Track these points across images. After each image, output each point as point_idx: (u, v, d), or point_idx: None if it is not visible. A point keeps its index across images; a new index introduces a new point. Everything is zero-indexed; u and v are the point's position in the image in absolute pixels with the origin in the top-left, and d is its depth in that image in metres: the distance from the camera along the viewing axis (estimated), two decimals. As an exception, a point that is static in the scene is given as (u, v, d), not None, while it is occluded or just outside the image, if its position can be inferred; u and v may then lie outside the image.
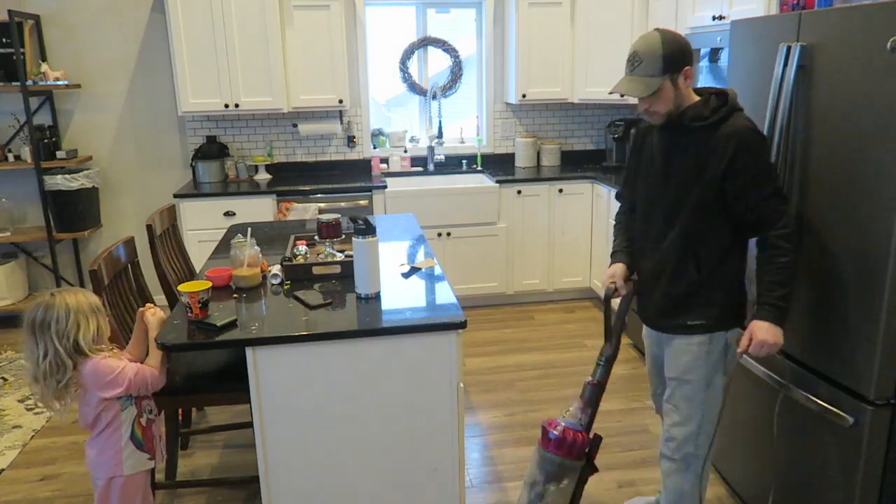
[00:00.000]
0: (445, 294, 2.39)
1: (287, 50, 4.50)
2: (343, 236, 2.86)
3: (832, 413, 2.05)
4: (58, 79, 4.37)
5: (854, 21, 1.95)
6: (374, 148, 5.11)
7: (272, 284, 2.51)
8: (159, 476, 2.64)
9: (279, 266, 2.57)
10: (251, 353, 2.08)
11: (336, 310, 2.27)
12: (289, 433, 2.15)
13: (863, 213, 1.94)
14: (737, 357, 2.04)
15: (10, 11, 4.06)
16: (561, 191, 4.64)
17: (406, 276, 2.58)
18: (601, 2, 4.61)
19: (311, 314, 2.22)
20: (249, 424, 2.32)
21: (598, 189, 4.60)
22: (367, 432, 2.19)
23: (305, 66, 4.54)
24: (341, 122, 4.91)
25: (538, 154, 5.12)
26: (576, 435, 2.12)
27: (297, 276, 2.56)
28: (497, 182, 4.60)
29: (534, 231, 4.68)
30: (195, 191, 4.45)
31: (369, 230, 2.28)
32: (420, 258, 2.81)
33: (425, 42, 5.06)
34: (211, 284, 2.27)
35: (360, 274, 2.32)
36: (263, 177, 4.82)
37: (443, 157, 5.05)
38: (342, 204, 4.45)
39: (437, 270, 2.63)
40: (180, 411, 2.99)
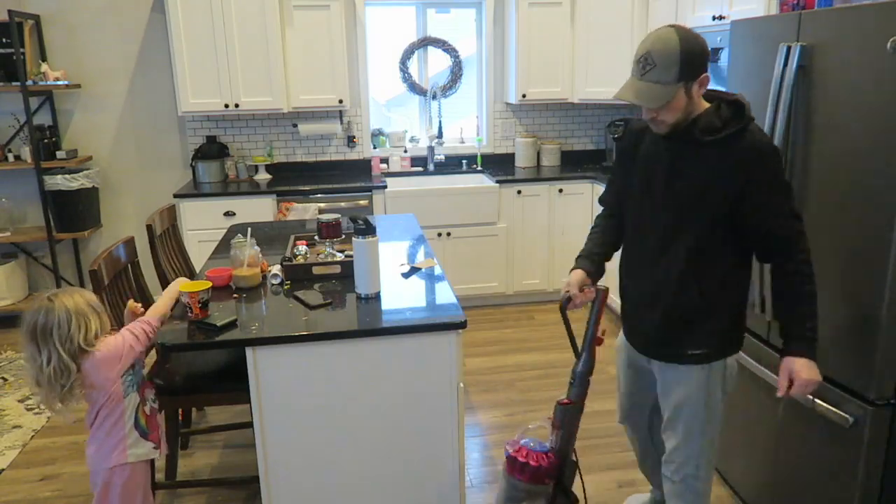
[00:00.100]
0: (445, 294, 2.39)
1: (287, 50, 4.50)
2: (343, 236, 2.86)
3: (832, 413, 2.05)
4: (58, 79, 4.37)
5: (854, 21, 1.95)
6: (374, 148, 5.11)
7: (272, 284, 2.51)
8: (159, 476, 2.64)
9: (279, 266, 2.57)
10: (251, 353, 2.08)
11: (336, 310, 2.27)
12: (289, 433, 2.15)
13: (863, 213, 1.94)
14: (782, 397, 1.87)
15: (10, 11, 4.06)
16: (561, 191, 4.64)
17: (406, 276, 2.58)
18: (601, 2, 4.61)
19: (311, 314, 2.22)
20: (249, 424, 2.32)
21: (598, 189, 4.59)
22: (367, 432, 2.19)
23: (305, 66, 4.54)
24: (341, 122, 4.91)
25: (538, 154, 5.12)
26: (540, 458, 2.00)
27: (297, 276, 2.56)
28: (497, 182, 4.60)
29: (534, 231, 4.67)
30: (195, 191, 4.45)
31: (369, 230, 2.28)
32: (420, 258, 2.80)
33: (425, 42, 5.05)
34: (211, 284, 2.28)
35: (360, 274, 2.32)
36: (263, 177, 4.82)
37: (443, 157, 5.05)
38: (342, 204, 4.45)
39: (437, 270, 2.63)
40: (180, 411, 2.98)
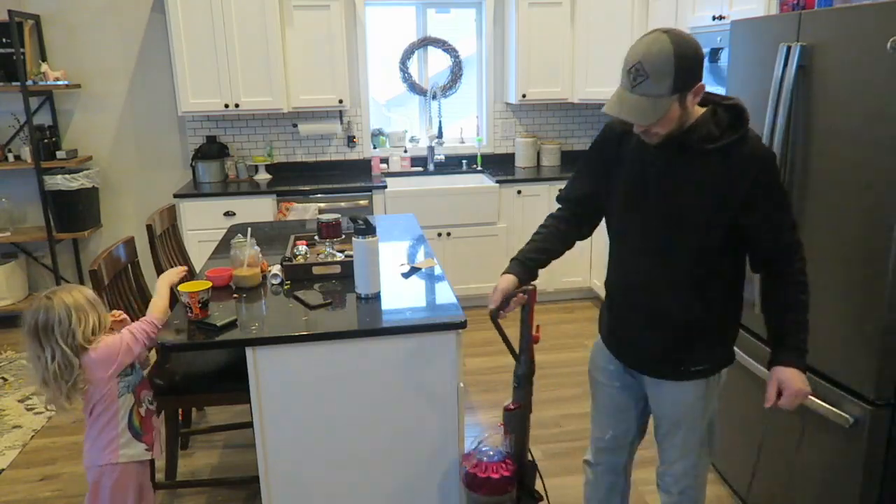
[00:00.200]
0: (445, 294, 2.39)
1: (287, 50, 4.50)
2: (343, 236, 2.86)
3: (832, 413, 2.05)
4: (58, 79, 4.37)
5: (854, 21, 1.95)
6: (374, 148, 5.11)
7: (272, 284, 2.51)
8: (159, 476, 2.64)
9: (279, 266, 2.57)
10: (251, 353, 2.08)
11: (336, 310, 2.27)
12: (289, 433, 2.15)
13: (863, 213, 1.94)
14: (770, 408, 1.78)
15: (10, 11, 4.06)
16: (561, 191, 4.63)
17: (406, 276, 2.58)
18: (601, 2, 4.60)
19: (311, 314, 2.22)
20: (249, 424, 2.32)
21: (598, 189, 4.59)
22: (367, 432, 2.19)
23: (305, 66, 4.54)
24: (341, 122, 4.91)
25: (538, 154, 5.12)
26: (500, 468, 1.97)
27: (297, 276, 2.55)
28: (497, 182, 4.60)
29: (534, 231, 4.66)
30: (195, 191, 4.45)
31: (369, 230, 2.27)
32: (420, 258, 2.80)
33: (425, 42, 5.05)
34: (211, 284, 2.27)
35: (360, 274, 2.32)
36: (263, 177, 4.82)
37: (443, 157, 5.05)
38: (342, 204, 4.45)
39: (437, 270, 2.63)
40: (180, 411, 2.98)
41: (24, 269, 4.72)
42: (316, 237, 2.89)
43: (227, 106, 4.44)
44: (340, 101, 4.65)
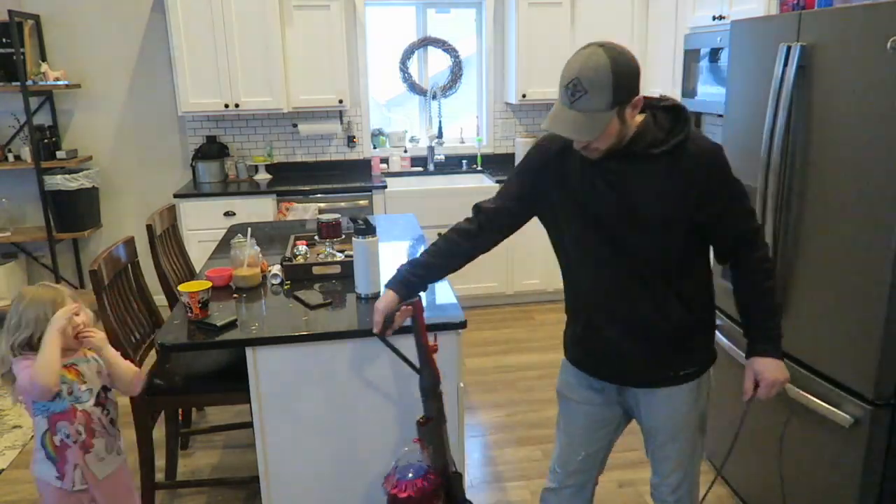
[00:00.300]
0: (445, 294, 2.39)
1: (287, 50, 4.50)
2: (343, 236, 2.86)
3: (832, 413, 2.05)
4: (58, 79, 4.37)
5: (854, 21, 1.95)
6: (374, 148, 5.11)
7: (272, 284, 2.51)
8: (159, 476, 2.64)
9: (279, 266, 2.57)
10: (251, 353, 2.08)
11: (336, 310, 2.27)
12: (289, 433, 2.15)
13: (863, 213, 1.94)
14: (746, 405, 1.80)
15: (10, 11, 4.06)
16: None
17: (406, 276, 2.57)
18: (601, 2, 4.61)
19: (311, 314, 2.22)
20: (249, 424, 2.32)
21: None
22: (367, 432, 2.19)
23: (305, 66, 4.54)
24: (341, 122, 4.91)
25: (538, 154, 5.11)
26: (423, 483, 1.91)
27: (297, 276, 2.55)
28: (497, 182, 4.60)
29: (534, 231, 4.65)
30: (195, 191, 4.45)
31: (369, 230, 2.27)
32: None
33: (425, 42, 5.05)
34: (211, 284, 2.28)
35: (360, 274, 2.32)
36: (263, 177, 4.82)
37: (443, 157, 5.05)
38: (342, 204, 4.45)
39: (437, 270, 2.62)
40: (180, 411, 2.99)
41: (24, 269, 4.72)
42: (316, 237, 2.89)
43: (227, 106, 4.45)
44: (340, 101, 4.65)
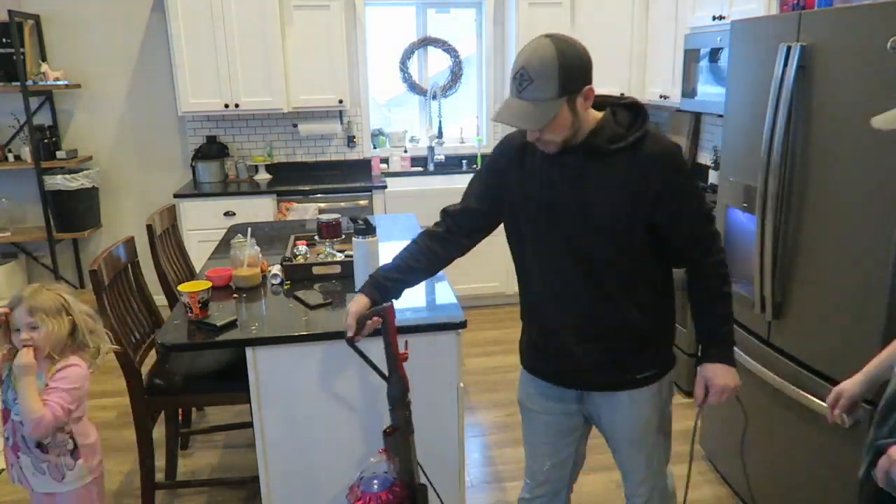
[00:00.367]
0: (445, 294, 2.39)
1: (287, 50, 4.50)
2: (343, 236, 2.86)
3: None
4: (58, 79, 4.37)
5: (854, 21, 1.95)
6: (374, 148, 5.11)
7: (272, 284, 2.51)
8: (159, 476, 2.64)
9: (279, 266, 2.57)
10: (251, 353, 2.08)
11: (336, 310, 2.27)
12: (289, 433, 2.16)
13: (863, 213, 1.94)
14: (698, 413, 1.77)
15: (10, 11, 4.06)
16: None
17: (406, 276, 2.58)
18: (601, 2, 4.61)
19: (311, 314, 2.22)
20: (249, 424, 2.32)
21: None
22: (367, 432, 2.19)
23: (305, 66, 4.54)
24: (341, 122, 4.91)
25: (538, 154, 5.11)
26: (388, 497, 1.88)
27: (297, 276, 2.56)
28: (497, 182, 4.59)
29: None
30: (195, 191, 4.45)
31: (369, 230, 2.28)
32: (420, 258, 2.80)
33: (425, 42, 5.05)
34: (211, 284, 2.28)
35: (360, 274, 2.32)
36: (263, 177, 4.82)
37: (443, 157, 5.05)
38: (342, 204, 4.45)
39: (437, 270, 2.62)
40: (180, 411, 2.99)
41: (24, 269, 4.72)
42: (316, 237, 2.89)
43: (227, 106, 4.45)
44: (340, 101, 4.65)
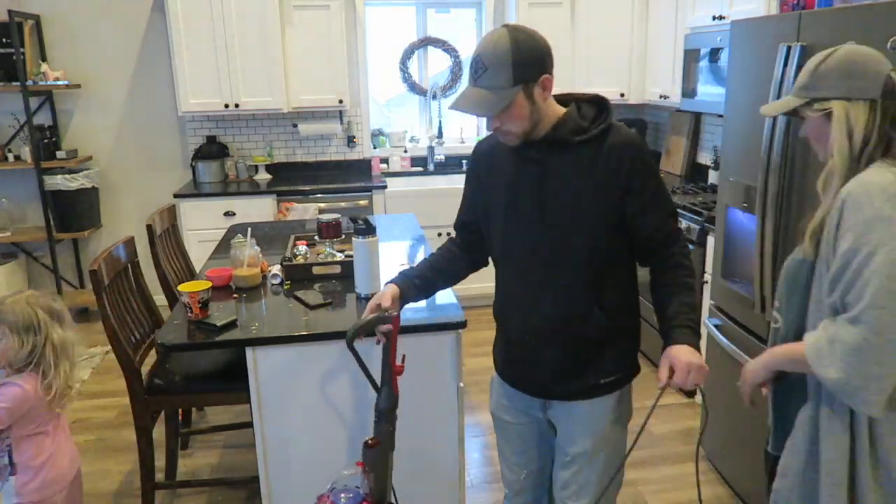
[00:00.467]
0: (445, 294, 2.39)
1: (287, 50, 4.50)
2: (343, 236, 2.86)
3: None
4: (58, 79, 4.37)
5: (854, 21, 1.95)
6: (374, 148, 5.11)
7: (272, 284, 2.51)
8: (159, 476, 2.64)
9: (279, 266, 2.57)
10: (251, 353, 2.08)
11: (336, 310, 2.27)
12: (289, 433, 2.15)
13: (863, 213, 1.94)
14: (658, 392, 1.58)
15: (10, 11, 4.06)
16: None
17: (406, 276, 2.57)
18: (601, 2, 4.61)
19: (311, 314, 2.22)
20: (249, 424, 2.32)
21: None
22: (368, 432, 2.19)
23: (305, 66, 4.54)
24: (341, 122, 4.91)
25: (538, 154, 5.11)
26: None
27: (297, 276, 2.55)
28: (497, 182, 4.59)
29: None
30: (195, 191, 4.45)
31: (369, 230, 2.27)
32: (420, 258, 2.80)
33: (425, 42, 5.05)
34: (211, 284, 2.28)
35: (360, 274, 2.32)
36: (263, 177, 4.82)
37: (443, 157, 5.05)
38: (342, 204, 4.45)
39: (437, 270, 2.62)
40: (180, 411, 2.99)
41: (24, 269, 4.73)
42: (316, 237, 2.89)
43: (227, 106, 4.45)
44: (340, 101, 4.65)
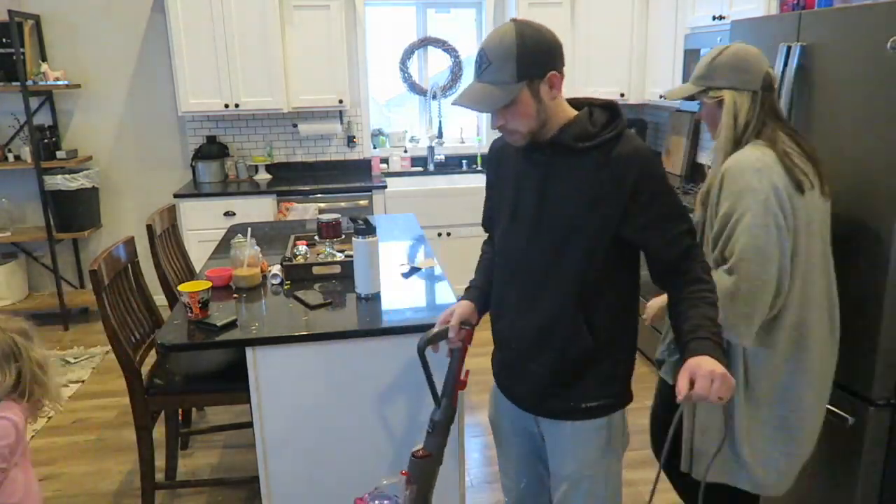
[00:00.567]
0: (445, 294, 2.39)
1: (287, 50, 4.50)
2: (343, 236, 2.86)
3: (832, 413, 2.05)
4: (58, 79, 4.37)
5: (854, 21, 1.95)
6: (374, 148, 5.11)
7: (272, 284, 2.51)
8: (159, 476, 2.64)
9: (279, 266, 2.57)
10: (251, 353, 2.08)
11: (336, 310, 2.27)
12: (289, 433, 2.15)
13: (863, 213, 1.94)
14: (680, 405, 1.44)
15: (10, 11, 4.06)
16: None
17: (406, 275, 2.58)
18: (601, 2, 4.60)
19: (311, 314, 2.22)
20: (249, 424, 2.32)
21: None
22: (367, 432, 2.19)
23: (305, 66, 4.54)
24: (341, 122, 4.91)
25: (538, 154, 5.11)
26: None
27: (297, 276, 2.55)
28: (497, 182, 4.59)
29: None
30: (195, 191, 4.45)
31: (369, 230, 2.27)
32: (420, 258, 2.80)
33: (425, 42, 5.05)
34: (211, 284, 2.28)
35: (360, 274, 2.32)
36: (263, 177, 4.82)
37: (443, 157, 5.05)
38: (342, 204, 4.45)
39: (437, 270, 2.63)
40: (180, 411, 2.99)
41: (24, 269, 4.73)
42: (316, 237, 2.89)
43: (227, 106, 4.44)
44: (340, 101, 4.65)
